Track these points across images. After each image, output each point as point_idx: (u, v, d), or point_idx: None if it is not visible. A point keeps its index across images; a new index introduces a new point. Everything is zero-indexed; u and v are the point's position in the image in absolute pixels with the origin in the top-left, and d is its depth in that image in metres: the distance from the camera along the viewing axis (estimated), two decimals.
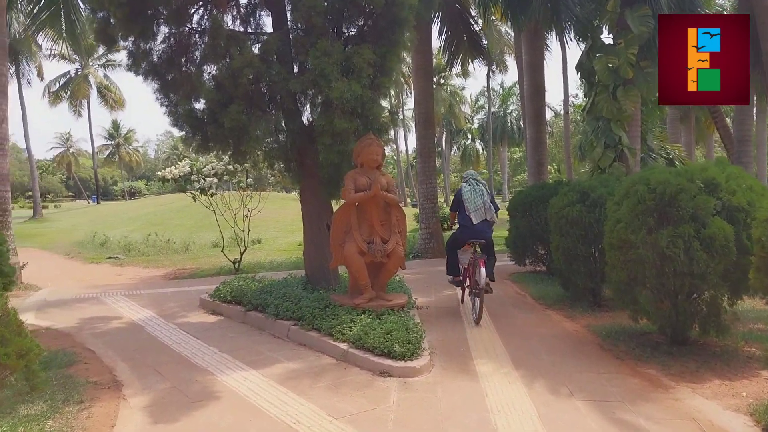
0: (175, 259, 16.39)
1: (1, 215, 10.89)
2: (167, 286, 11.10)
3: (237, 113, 6.75)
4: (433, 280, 10.90)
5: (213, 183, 11.96)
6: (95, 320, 8.00)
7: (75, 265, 16.27)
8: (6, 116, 10.98)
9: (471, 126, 63.87)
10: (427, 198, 14.50)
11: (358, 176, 6.78)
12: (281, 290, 7.59)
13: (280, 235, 22.33)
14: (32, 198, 40.89)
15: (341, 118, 6.67)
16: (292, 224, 24.89)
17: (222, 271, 12.83)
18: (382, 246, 6.74)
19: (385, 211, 6.90)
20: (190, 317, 8.11)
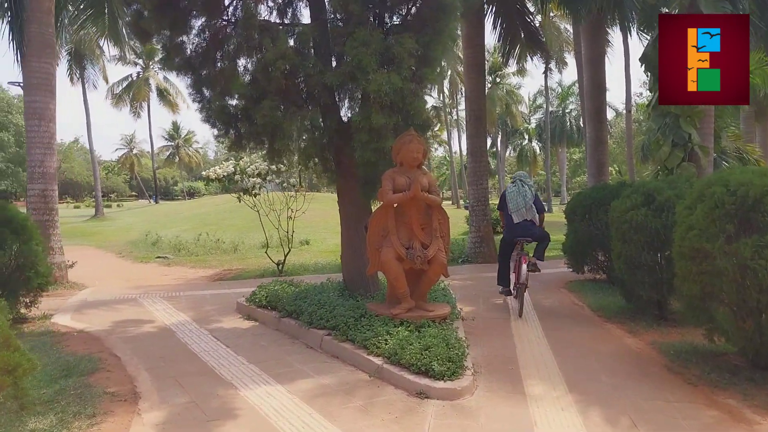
0: (223, 260, 16.30)
1: (48, 214, 10.92)
2: (209, 287, 10.89)
3: (270, 109, 6.35)
4: (482, 287, 10.25)
5: (256, 183, 11.68)
6: (128, 323, 7.78)
7: (124, 264, 16.40)
8: (53, 116, 11.03)
9: (528, 126, 62.24)
10: (477, 200, 13.82)
11: (397, 176, 6.25)
12: (316, 296, 7.15)
13: (329, 236, 22.03)
14: (95, 197, 42.27)
15: (379, 113, 6.17)
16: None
17: (266, 273, 12.56)
18: (422, 252, 6.19)
19: (426, 214, 6.35)
20: (224, 322, 7.79)
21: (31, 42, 10.65)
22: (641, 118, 41.33)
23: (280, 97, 6.50)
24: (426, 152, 6.45)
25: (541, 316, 8.01)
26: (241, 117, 6.63)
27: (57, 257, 11.01)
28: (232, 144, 6.99)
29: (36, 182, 10.84)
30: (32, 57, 10.69)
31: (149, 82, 50.78)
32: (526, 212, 7.93)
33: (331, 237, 21.49)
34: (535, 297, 9.36)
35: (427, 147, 6.46)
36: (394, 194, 6.15)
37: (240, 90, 6.38)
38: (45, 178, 10.87)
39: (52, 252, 10.90)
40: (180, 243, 19.71)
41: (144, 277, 13.46)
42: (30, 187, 10.89)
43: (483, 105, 13.95)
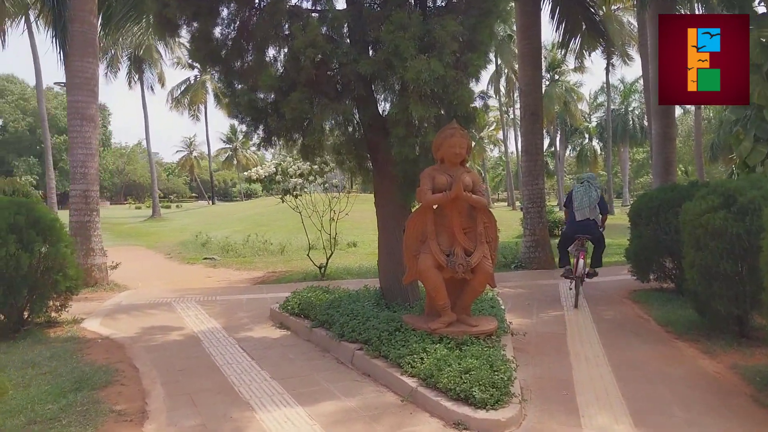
0: (269, 261, 16.02)
1: (89, 215, 10.81)
2: (248, 291, 10.52)
3: (299, 102, 5.83)
4: (537, 296, 9.44)
5: (297, 183, 11.25)
6: (156, 330, 7.43)
7: (171, 265, 16.36)
8: (95, 116, 10.92)
9: (588, 125, 60.04)
10: (532, 201, 12.94)
11: (437, 174, 5.59)
12: (349, 305, 6.57)
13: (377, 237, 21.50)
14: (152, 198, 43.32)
15: (418, 104, 5.54)
16: None
17: (308, 277, 12.11)
18: (464, 259, 5.51)
19: (469, 217, 5.66)
20: (255, 331, 7.33)
21: (73, 41, 10.57)
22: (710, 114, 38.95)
23: (311, 89, 5.96)
24: (470, 147, 5.76)
25: (601, 330, 7.18)
26: (270, 111, 6.13)
27: (98, 259, 10.89)
28: (261, 140, 6.51)
29: (78, 183, 10.75)
30: (74, 56, 10.61)
31: (206, 86, 51.74)
32: (589, 212, 8.49)
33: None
34: (595, 308, 8.50)
35: (471, 142, 5.76)
36: (434, 194, 5.50)
37: (268, 82, 5.88)
38: (86, 179, 10.76)
39: (92, 253, 10.79)
40: (229, 244, 19.64)
41: (187, 279, 13.29)
42: (72, 188, 10.82)
43: (539, 99, 13.07)
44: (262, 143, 6.51)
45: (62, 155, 65.77)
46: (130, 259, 17.69)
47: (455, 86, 5.67)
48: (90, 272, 10.71)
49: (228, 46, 6.60)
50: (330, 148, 6.63)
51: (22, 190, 11.01)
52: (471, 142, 5.79)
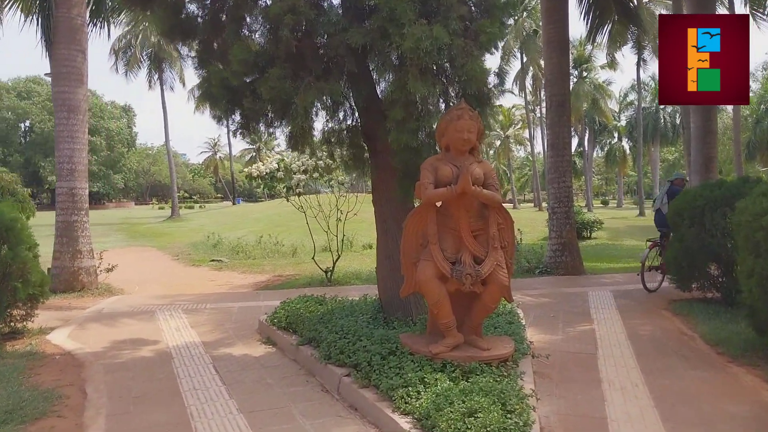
0: (278, 264, 15.18)
1: (76, 215, 10.05)
2: (244, 298, 9.63)
3: (278, 80, 4.90)
4: (563, 307, 8.38)
5: (301, 181, 10.34)
6: (127, 344, 6.57)
7: (175, 268, 15.62)
8: (83, 108, 10.16)
9: (617, 123, 58.21)
10: (558, 200, 11.82)
11: (441, 164, 4.60)
12: (341, 321, 5.61)
13: None
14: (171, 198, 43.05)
15: (418, 80, 4.56)
16: None
17: (313, 281, 11.21)
18: (473, 268, 4.50)
19: (480, 217, 4.66)
20: (237, 347, 6.42)
21: (58, 28, 9.83)
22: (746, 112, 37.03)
23: (293, 65, 5.03)
24: (482, 133, 4.76)
25: (638, 350, 6.12)
26: (248, 93, 5.20)
27: (85, 261, 10.13)
28: (238, 126, 5.60)
29: (64, 180, 10.01)
30: (60, 44, 9.87)
31: None
32: (661, 205, 9.62)
33: None
34: (630, 321, 7.43)
35: (483, 126, 4.75)
36: (436, 189, 4.51)
37: (241, 56, 4.95)
38: (73, 176, 10.01)
39: (79, 256, 10.03)
40: (240, 246, 18.91)
41: (187, 283, 12.51)
42: (58, 186, 10.08)
43: (566, 89, 11.95)
44: (240, 129, 5.60)
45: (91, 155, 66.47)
46: (134, 261, 17.11)
47: (464, 58, 4.67)
48: (76, 276, 9.96)
49: (203, 22, 5.70)
50: (319, 136, 5.68)
51: (8, 187, 10.23)
52: (482, 127, 4.79)
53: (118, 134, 71.61)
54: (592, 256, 15.22)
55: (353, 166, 5.90)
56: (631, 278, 11.04)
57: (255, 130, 5.62)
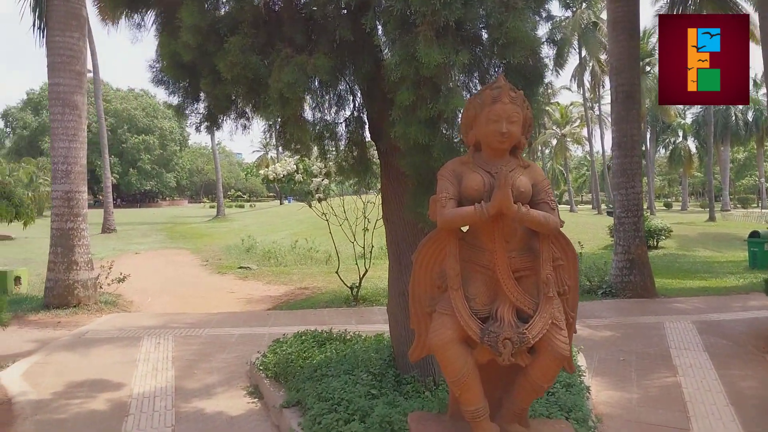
0: (307, 273, 13.94)
1: (72, 221, 8.97)
2: (253, 321, 8.30)
3: (242, 51, 3.51)
4: (635, 346, 6.68)
5: (321, 184, 8.97)
6: (84, 389, 5.31)
7: (200, 275, 14.58)
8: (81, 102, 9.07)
9: (683, 121, 54.51)
10: (626, 208, 9.99)
11: (467, 171, 3.07)
12: (335, 381, 4.15)
13: None
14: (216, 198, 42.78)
15: (431, 44, 3.06)
16: None
17: (336, 299, 9.83)
18: (516, 329, 2.96)
19: (525, 249, 3.10)
20: (215, 398, 5.06)
21: (53, 12, 8.77)
22: None
23: (264, 32, 3.61)
24: (530, 124, 3.20)
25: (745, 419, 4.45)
26: (204, 71, 3.81)
27: (82, 273, 9.04)
28: (201, 120, 4.23)
29: (59, 182, 8.94)
30: (55, 31, 8.81)
31: None
32: None
33: None
34: (726, 370, 5.75)
35: (531, 114, 3.19)
36: (459, 208, 2.99)
37: (191, 20, 3.56)
38: (69, 178, 8.93)
39: (76, 267, 8.96)
40: (272, 251, 17.84)
41: (203, 296, 11.40)
42: (53, 189, 9.03)
43: (636, 78, 10.09)
44: (203, 123, 4.23)
45: (140, 155, 67.62)
46: (160, 267, 16.24)
47: (502, 12, 3.13)
48: (71, 290, 8.88)
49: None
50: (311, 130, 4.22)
51: (4, 189, 9.27)
52: (531, 115, 3.23)
53: (171, 133, 72.57)
54: (662, 270, 13.22)
55: (352, 170, 4.43)
56: (714, 303, 9.17)
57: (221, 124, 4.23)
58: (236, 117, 4.16)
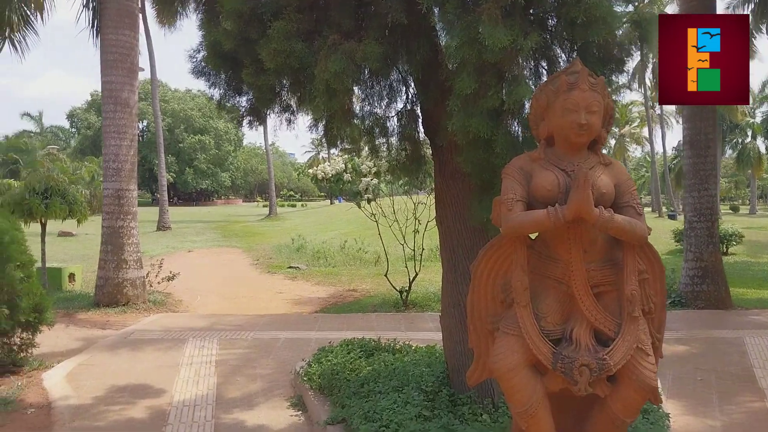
0: (356, 275, 13.66)
1: (122, 220, 8.96)
2: (300, 324, 8.05)
3: (286, 37, 3.20)
4: (715, 363, 6.07)
5: (370, 184, 8.65)
6: (125, 394, 5.15)
7: (250, 275, 14.53)
8: (133, 100, 9.06)
9: (751, 120, 51.72)
10: (698, 212, 9.24)
11: (537, 169, 2.67)
12: (384, 399, 3.80)
13: None
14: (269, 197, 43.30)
15: (496, 23, 2.67)
16: None
17: (385, 303, 9.49)
18: (594, 354, 2.53)
19: (606, 261, 2.67)
20: (257, 409, 4.80)
21: (106, 9, 8.77)
22: None
23: (308, 17, 3.30)
24: (610, 115, 2.77)
25: None
26: (247, 61, 3.52)
27: (131, 272, 9.02)
28: (243, 114, 3.96)
29: (110, 180, 8.94)
30: (108, 29, 8.81)
31: None
32: None
33: None
34: None
35: (612, 103, 2.76)
36: (529, 211, 2.58)
37: (232, 5, 3.28)
38: (120, 176, 8.92)
39: (125, 266, 8.94)
40: (322, 251, 17.69)
41: (252, 296, 11.29)
42: (104, 187, 9.05)
43: None
44: (246, 118, 3.96)
45: (196, 154, 69.28)
46: (211, 266, 16.32)
47: None
48: (120, 288, 8.87)
49: None
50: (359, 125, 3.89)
51: (59, 186, 9.35)
52: (612, 105, 2.80)
53: (226, 133, 74.07)
54: (735, 278, 12.27)
55: (404, 168, 4.07)
56: None
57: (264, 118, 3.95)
58: (280, 111, 3.87)
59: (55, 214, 9.27)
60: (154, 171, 66.86)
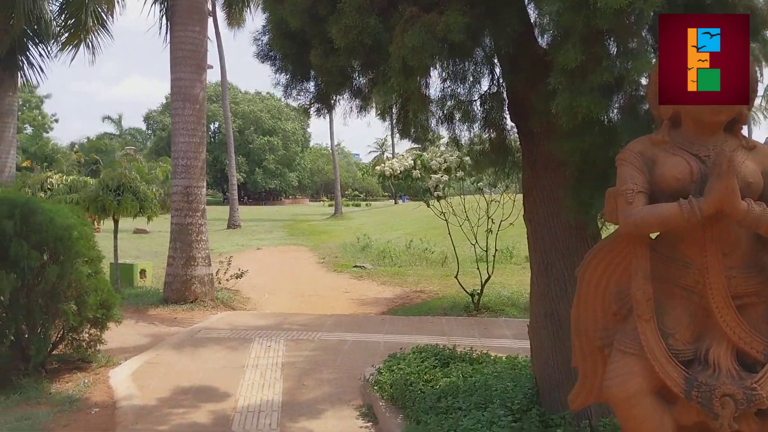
0: (423, 275, 13.26)
1: (191, 216, 8.93)
2: (367, 326, 7.73)
3: (359, 13, 2.87)
4: None
5: (441, 181, 8.23)
6: (189, 397, 4.96)
7: (316, 273, 14.42)
8: (201, 96, 9.03)
9: None
10: None
11: (661, 154, 2.21)
12: (466, 418, 3.39)
13: None
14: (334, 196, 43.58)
15: None
16: None
17: (456, 306, 9.04)
18: (736, 381, 2.05)
19: (751, 266, 2.17)
20: (324, 417, 4.50)
21: (176, 7, 8.76)
22: None
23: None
24: (754, 84, 2.28)
25: None
26: (315, 41, 3.21)
27: (200, 269, 8.98)
28: (312, 101, 3.65)
29: (179, 177, 8.93)
30: (177, 26, 8.80)
31: None
32: None
33: None
34: None
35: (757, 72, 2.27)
36: (654, 206, 2.12)
37: None
38: (189, 173, 8.89)
39: (193, 263, 8.90)
40: (387, 250, 17.37)
41: (319, 294, 11.14)
42: (174, 184, 9.04)
43: None
44: (314, 105, 3.64)
45: (265, 155, 70.83)
46: (279, 263, 16.37)
47: None
48: (189, 285, 8.84)
49: None
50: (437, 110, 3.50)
51: (130, 184, 9.45)
52: (756, 75, 2.30)
53: (294, 134, 75.40)
54: None
55: (488, 159, 3.65)
56: None
57: (334, 105, 3.62)
58: (351, 96, 3.53)
59: (126, 211, 9.36)
60: (225, 171, 68.90)
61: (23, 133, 58.64)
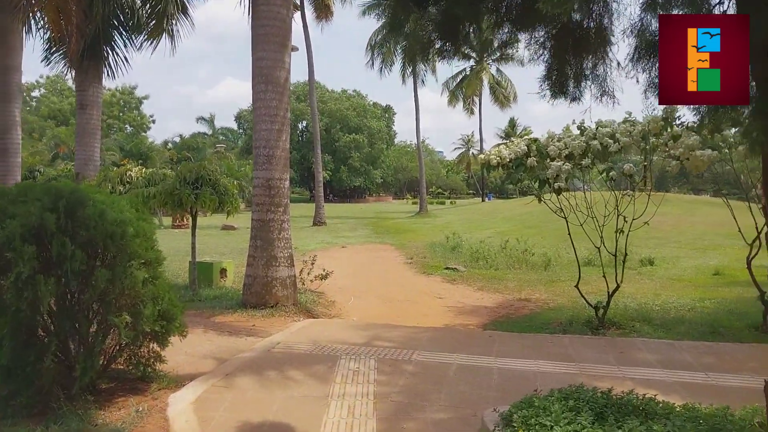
0: (524, 280, 11.82)
1: (272, 212, 8.01)
2: (471, 344, 6.45)
3: None
4: None
5: (563, 170, 6.83)
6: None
7: (405, 275, 13.30)
8: (285, 79, 8.08)
9: None
10: None
11: None
12: None
13: (684, 252, 15.49)
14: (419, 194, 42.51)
15: None
16: (702, 237, 17.57)
17: (576, 320, 7.59)
18: None
19: None
20: None
21: None
22: None
23: None
24: None
25: None
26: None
27: (281, 270, 8.05)
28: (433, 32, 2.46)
29: (260, 168, 8.03)
30: (260, 1, 7.90)
31: (481, 77, 48.86)
32: None
33: (688, 255, 14.88)
34: None
35: None
36: None
37: None
38: (270, 163, 7.98)
39: (275, 263, 7.99)
40: (480, 251, 15.98)
41: (410, 300, 10.05)
42: (254, 175, 8.15)
43: None
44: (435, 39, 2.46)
45: (351, 153, 70.87)
46: (365, 262, 15.47)
47: None
48: (269, 288, 7.94)
49: None
50: None
51: (209, 177, 8.69)
52: None
53: (378, 132, 75.05)
54: None
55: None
56: None
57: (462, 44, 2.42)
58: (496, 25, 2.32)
59: (205, 205, 8.63)
60: (312, 169, 69.59)
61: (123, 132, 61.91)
